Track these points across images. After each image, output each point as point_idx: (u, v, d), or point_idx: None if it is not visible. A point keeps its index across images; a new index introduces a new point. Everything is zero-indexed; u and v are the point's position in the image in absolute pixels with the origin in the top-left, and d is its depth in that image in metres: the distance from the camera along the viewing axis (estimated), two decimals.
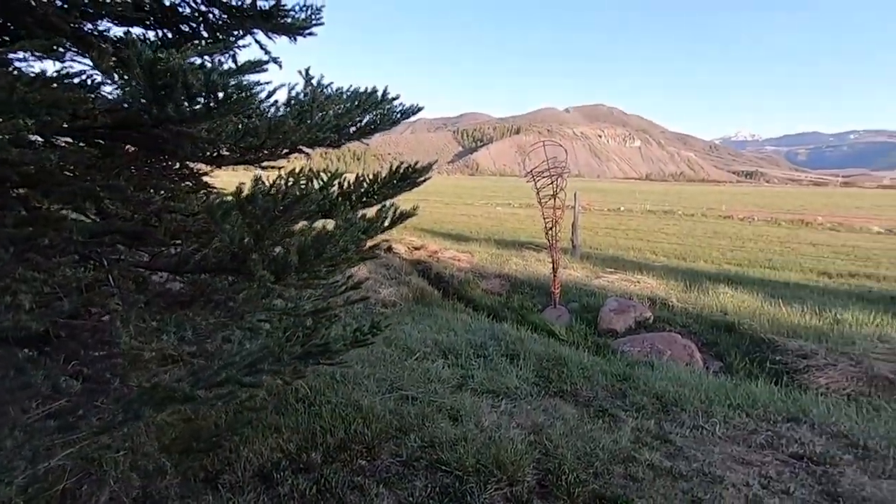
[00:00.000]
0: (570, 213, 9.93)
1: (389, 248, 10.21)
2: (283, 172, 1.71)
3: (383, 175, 2.26)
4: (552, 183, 5.12)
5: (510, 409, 3.02)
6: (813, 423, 2.93)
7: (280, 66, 2.02)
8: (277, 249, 1.08)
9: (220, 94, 1.01)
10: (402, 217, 1.70)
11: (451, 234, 13.18)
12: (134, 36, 1.83)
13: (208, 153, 1.66)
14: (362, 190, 2.24)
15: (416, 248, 9.72)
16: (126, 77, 1.14)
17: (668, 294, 6.08)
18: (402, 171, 2.29)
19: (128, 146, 1.59)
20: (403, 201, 2.14)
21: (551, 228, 5.39)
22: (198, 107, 0.97)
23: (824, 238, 15.04)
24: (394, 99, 2.25)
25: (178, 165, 2.02)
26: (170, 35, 2.04)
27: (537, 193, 5.26)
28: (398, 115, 2.13)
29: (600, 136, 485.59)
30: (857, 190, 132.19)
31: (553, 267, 5.59)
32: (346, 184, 2.29)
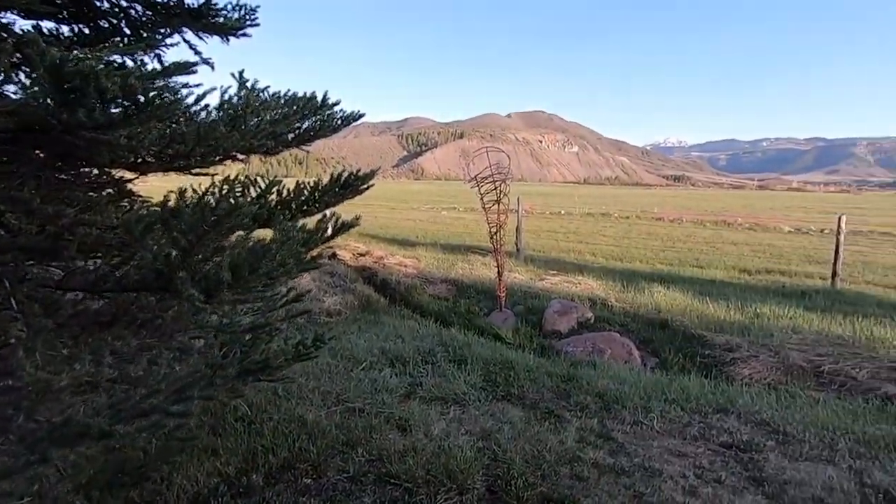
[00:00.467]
0: (514, 218, 10.15)
1: (334, 255, 9.98)
2: (216, 180, 1.61)
3: (325, 183, 2.20)
4: (496, 188, 5.19)
5: (459, 416, 3.02)
6: (739, 412, 3.13)
7: (212, 68, 1.91)
8: (208, 265, 1.01)
9: (141, 99, 0.93)
10: (343, 227, 1.65)
11: (397, 239, 13.08)
12: (41, 32, 1.67)
13: (130, 160, 1.54)
14: (303, 198, 2.16)
15: (362, 255, 9.56)
16: (33, 77, 1.03)
17: (608, 294, 6.34)
18: (344, 178, 2.23)
19: (36, 151, 1.44)
20: (348, 206, 2.09)
21: (496, 233, 5.46)
22: (115, 112, 0.89)
23: (743, 237, 16.26)
24: (335, 104, 2.19)
25: (96, 172, 1.86)
26: (86, 31, 1.88)
27: (481, 199, 5.31)
28: (339, 122, 2.07)
29: (541, 142, 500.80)
30: (770, 192, 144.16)
31: (498, 271, 5.67)
32: (285, 192, 2.20)
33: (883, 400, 3.50)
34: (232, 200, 1.63)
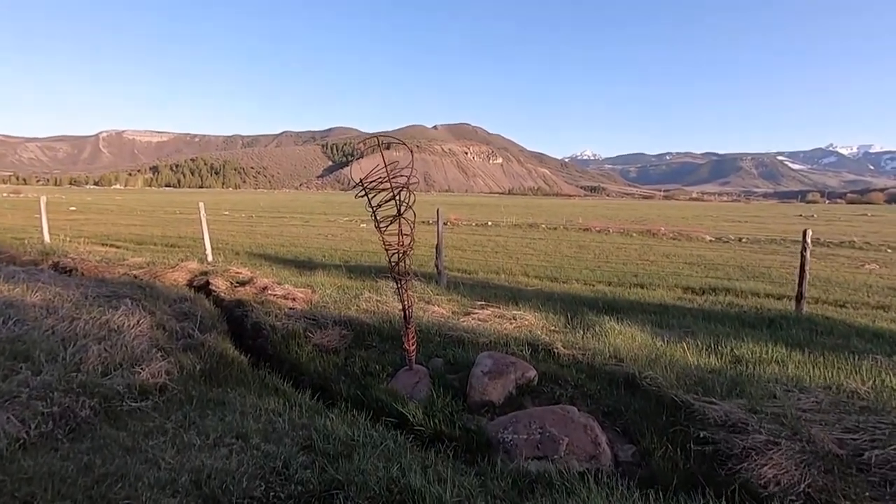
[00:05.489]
0: (433, 234, 8.54)
1: (206, 285, 7.77)
2: None
3: None
4: (394, 198, 3.44)
5: None
6: None
7: None
8: None
9: None
10: None
11: (298, 259, 11.00)
12: None
13: None
14: None
15: (242, 284, 7.48)
16: None
17: (552, 337, 4.84)
18: None
19: None
20: (253, 219, 0.20)
21: (398, 262, 3.72)
22: None
23: (672, 249, 15.84)
24: None
25: None
26: None
27: (373, 213, 3.54)
28: None
29: (466, 153, 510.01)
30: (676, 202, 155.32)
31: (404, 314, 3.95)
32: None
33: None
34: None
